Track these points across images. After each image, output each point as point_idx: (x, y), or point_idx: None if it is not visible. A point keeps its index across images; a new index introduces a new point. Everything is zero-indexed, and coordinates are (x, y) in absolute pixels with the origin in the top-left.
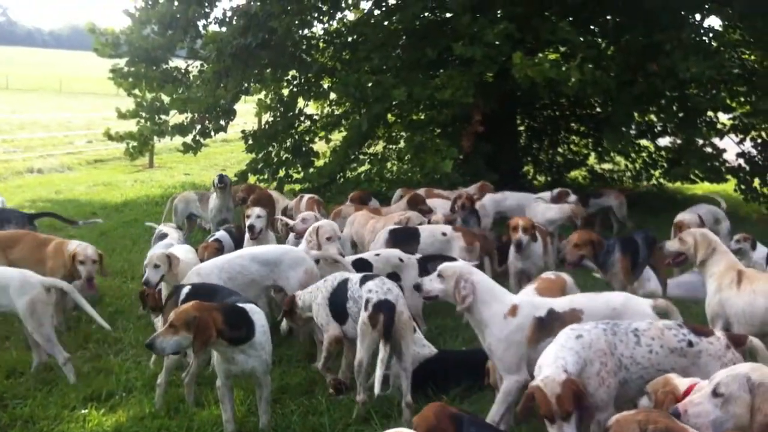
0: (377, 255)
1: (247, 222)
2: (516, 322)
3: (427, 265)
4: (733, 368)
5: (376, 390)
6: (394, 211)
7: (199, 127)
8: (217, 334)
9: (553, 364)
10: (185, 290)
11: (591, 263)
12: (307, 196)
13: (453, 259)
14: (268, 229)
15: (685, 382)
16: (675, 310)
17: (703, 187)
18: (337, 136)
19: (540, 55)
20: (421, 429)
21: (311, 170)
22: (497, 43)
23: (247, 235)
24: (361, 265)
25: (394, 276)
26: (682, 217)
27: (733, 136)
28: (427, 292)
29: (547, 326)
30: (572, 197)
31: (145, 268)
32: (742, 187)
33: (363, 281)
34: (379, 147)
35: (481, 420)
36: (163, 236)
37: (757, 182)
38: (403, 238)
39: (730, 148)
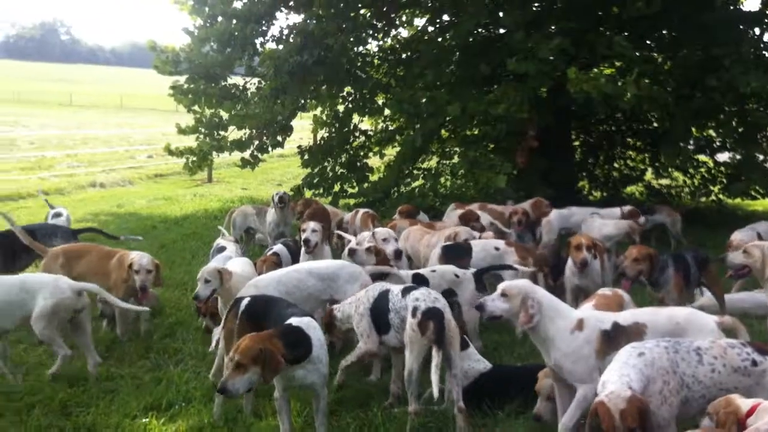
0: (433, 271)
1: (303, 236)
2: (583, 336)
3: (482, 277)
4: None
5: (435, 394)
6: (448, 225)
7: (256, 142)
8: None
9: (618, 380)
10: (245, 302)
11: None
12: (362, 211)
13: (509, 268)
14: (324, 243)
15: (748, 403)
16: (742, 327)
17: (764, 204)
18: (391, 152)
19: (595, 70)
20: None
21: (366, 185)
22: (551, 58)
23: (303, 249)
24: (419, 281)
25: (449, 292)
26: (735, 235)
27: None
28: (491, 312)
29: (613, 339)
30: (642, 218)
31: (198, 282)
32: None
33: (406, 292)
34: (433, 162)
35: None
36: (222, 249)
37: None
38: (456, 253)
39: None
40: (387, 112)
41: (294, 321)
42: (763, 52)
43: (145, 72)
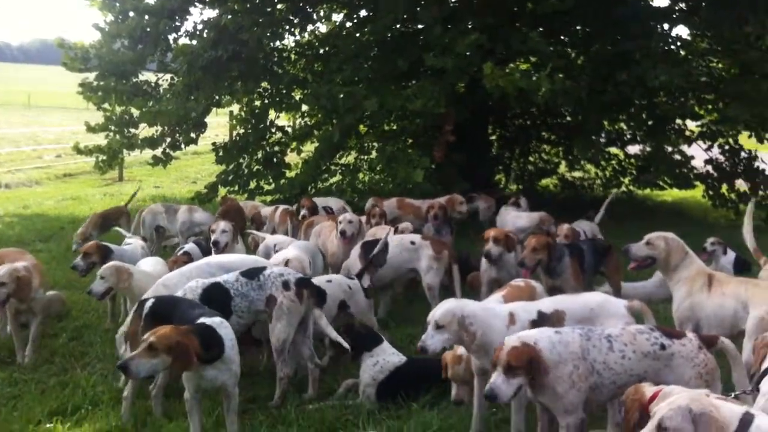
0: (329, 281)
1: (212, 237)
2: (516, 330)
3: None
4: (674, 401)
5: (336, 338)
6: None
7: (169, 139)
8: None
9: (525, 333)
10: (149, 303)
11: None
12: (281, 208)
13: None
14: (236, 242)
15: (653, 390)
16: (649, 312)
17: (671, 194)
18: (309, 148)
19: (511, 65)
20: None
21: (282, 181)
22: (468, 53)
23: (213, 251)
24: (318, 292)
25: (342, 304)
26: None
27: (701, 143)
28: (435, 349)
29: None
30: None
31: None
32: (710, 193)
33: (252, 274)
34: (351, 158)
35: None
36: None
37: (724, 188)
38: (373, 249)
39: (698, 155)
40: (304, 107)
41: (206, 321)
42: (672, 46)
43: (54, 69)
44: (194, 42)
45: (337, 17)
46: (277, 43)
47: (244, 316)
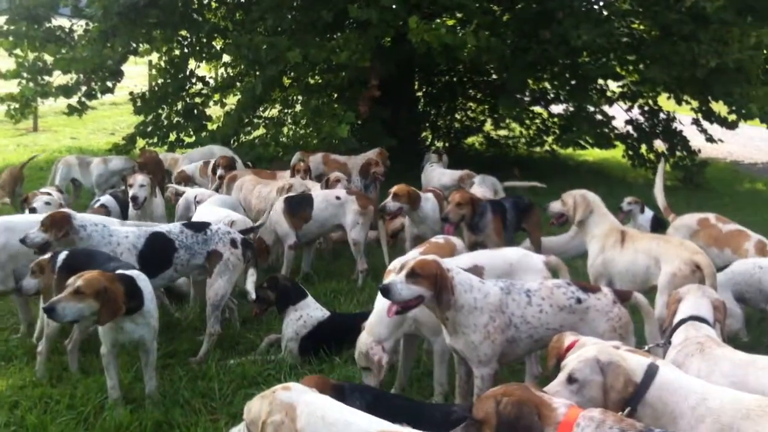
0: None
1: (130, 192)
2: None
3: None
4: (582, 353)
5: (252, 295)
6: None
7: (84, 88)
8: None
9: (447, 260)
10: (62, 256)
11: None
12: (213, 160)
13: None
14: (154, 195)
15: (571, 339)
16: (564, 267)
17: (592, 153)
18: (232, 100)
19: (437, 20)
20: None
21: (204, 134)
22: (394, 6)
23: (131, 206)
24: None
25: None
26: (476, 189)
27: (621, 103)
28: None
29: None
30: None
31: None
32: (630, 153)
33: (199, 228)
34: (275, 111)
35: (362, 386)
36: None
37: (643, 148)
38: (298, 204)
39: (619, 115)
40: (226, 58)
41: (124, 273)
42: (594, 6)
43: None
44: None
45: None
46: None
47: (180, 271)
